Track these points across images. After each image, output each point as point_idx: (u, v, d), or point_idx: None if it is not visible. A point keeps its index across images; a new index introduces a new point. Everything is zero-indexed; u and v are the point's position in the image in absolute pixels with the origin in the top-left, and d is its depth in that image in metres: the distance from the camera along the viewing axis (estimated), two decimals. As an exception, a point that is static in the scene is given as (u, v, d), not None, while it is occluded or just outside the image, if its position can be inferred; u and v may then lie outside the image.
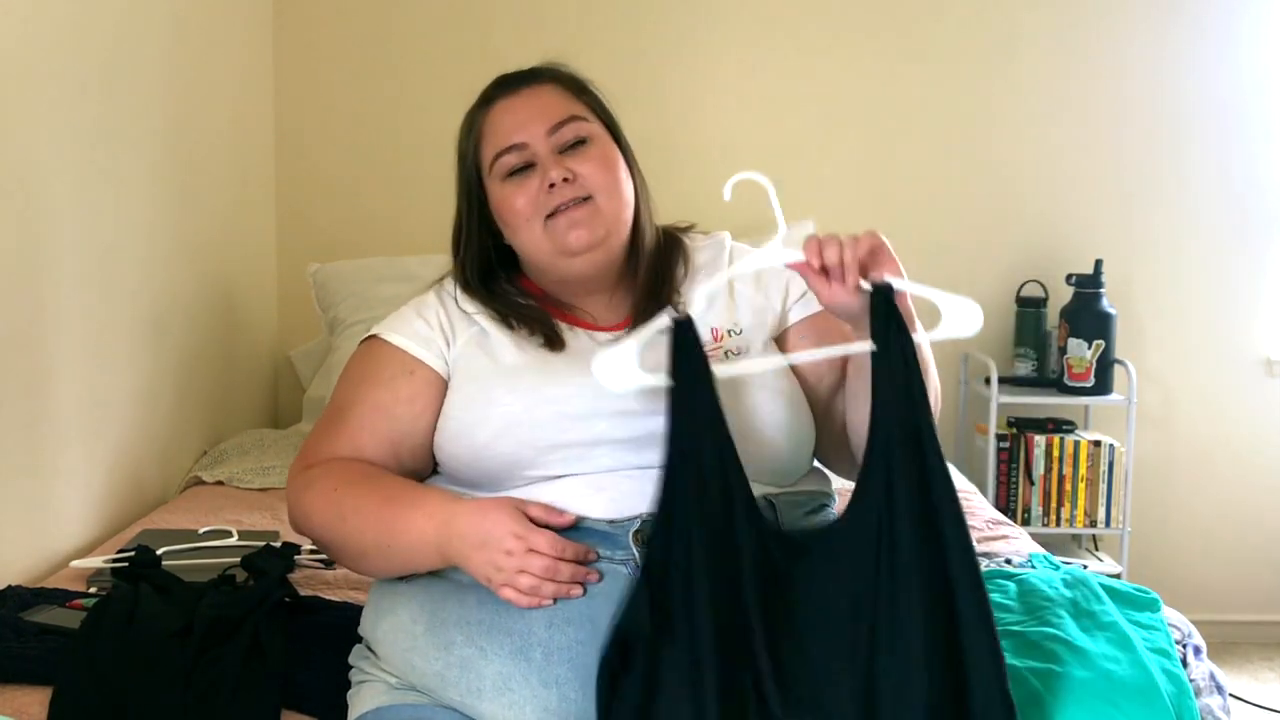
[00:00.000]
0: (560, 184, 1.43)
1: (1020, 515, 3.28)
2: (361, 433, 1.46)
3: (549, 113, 1.47)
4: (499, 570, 1.27)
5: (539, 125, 1.46)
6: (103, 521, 2.30)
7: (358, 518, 1.38)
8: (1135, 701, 1.42)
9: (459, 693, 1.32)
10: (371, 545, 1.38)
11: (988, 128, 3.45)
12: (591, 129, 1.49)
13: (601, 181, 1.46)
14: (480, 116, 1.51)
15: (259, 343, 3.27)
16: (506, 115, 1.49)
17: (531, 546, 1.27)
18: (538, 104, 1.49)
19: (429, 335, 1.49)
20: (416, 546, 1.34)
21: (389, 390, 1.47)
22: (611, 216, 1.46)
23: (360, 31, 3.37)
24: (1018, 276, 3.45)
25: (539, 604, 1.27)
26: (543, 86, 1.51)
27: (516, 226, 1.47)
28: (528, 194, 1.45)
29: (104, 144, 2.30)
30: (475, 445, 1.41)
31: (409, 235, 3.32)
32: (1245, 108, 3.47)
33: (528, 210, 1.45)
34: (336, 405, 1.50)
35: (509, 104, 1.50)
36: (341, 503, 1.40)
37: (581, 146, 1.47)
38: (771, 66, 3.42)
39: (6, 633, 1.61)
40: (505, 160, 1.47)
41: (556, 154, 1.45)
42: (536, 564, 1.26)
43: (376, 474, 1.43)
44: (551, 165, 1.44)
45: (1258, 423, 3.54)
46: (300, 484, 1.46)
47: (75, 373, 2.18)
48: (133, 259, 2.44)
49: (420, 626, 1.36)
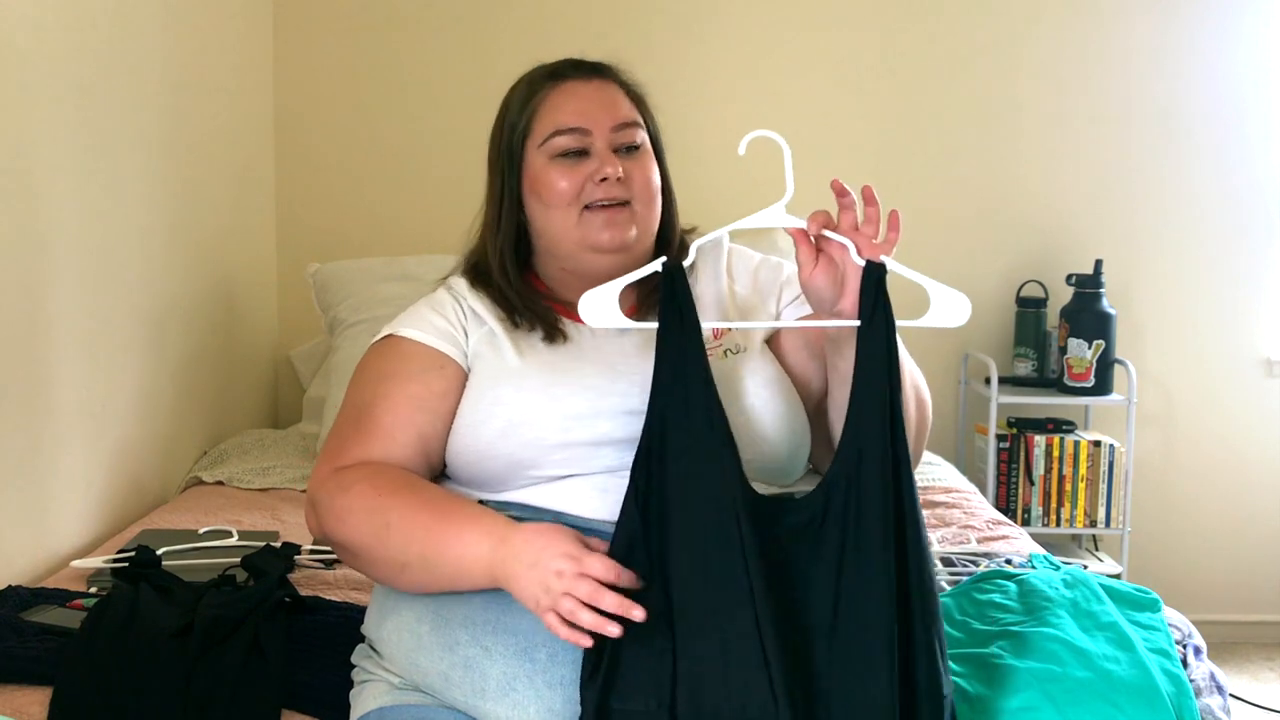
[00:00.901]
0: (613, 181, 1.45)
1: (1020, 515, 3.28)
2: (395, 430, 1.42)
3: (616, 111, 1.49)
4: (547, 591, 1.21)
5: (606, 118, 1.48)
6: (103, 521, 2.29)
7: (405, 527, 1.32)
8: (1135, 701, 1.42)
9: (463, 693, 1.32)
10: (416, 557, 1.32)
11: (988, 128, 3.44)
12: (645, 139, 1.51)
13: (643, 191, 1.48)
14: (544, 89, 1.50)
15: (259, 343, 3.27)
16: (574, 98, 1.49)
17: (584, 570, 1.20)
18: (607, 98, 1.50)
19: (451, 331, 1.49)
20: (466, 562, 1.28)
21: (422, 384, 1.45)
22: (643, 226, 1.48)
23: (360, 31, 3.37)
24: (1018, 276, 3.45)
25: (576, 639, 1.19)
26: (611, 84, 1.52)
27: (552, 205, 1.47)
28: (574, 179, 1.45)
29: (104, 144, 2.30)
30: (480, 444, 1.41)
31: (409, 235, 3.32)
32: (1245, 108, 3.47)
33: (569, 194, 1.45)
34: (359, 404, 1.47)
35: (578, 88, 1.50)
36: (388, 511, 1.34)
37: (634, 152, 1.49)
38: (771, 67, 3.42)
39: (6, 633, 1.61)
40: (561, 140, 1.47)
41: (611, 151, 1.47)
42: (583, 588, 1.19)
43: (420, 483, 1.39)
44: (610, 159, 1.46)
45: (1258, 423, 3.54)
46: (333, 487, 1.39)
47: (75, 373, 2.18)
48: (132, 259, 2.44)
49: (425, 626, 1.36)
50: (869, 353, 1.27)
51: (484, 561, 1.27)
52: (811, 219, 1.32)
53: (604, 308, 1.32)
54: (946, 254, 3.42)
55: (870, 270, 1.29)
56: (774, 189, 1.36)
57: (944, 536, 2.29)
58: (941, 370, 3.48)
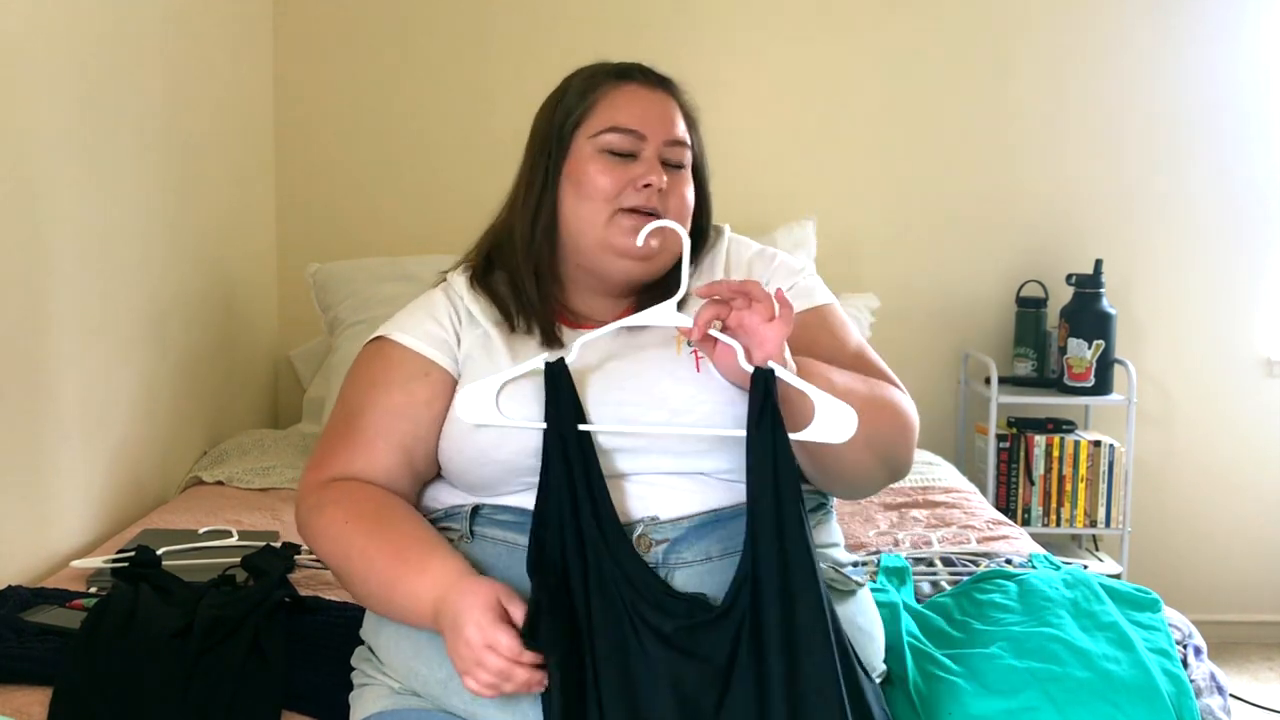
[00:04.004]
0: (655, 190, 1.44)
1: (1020, 515, 3.28)
2: (377, 439, 1.44)
3: (672, 125, 1.50)
4: (460, 659, 1.25)
5: (662, 130, 1.48)
6: (103, 521, 2.30)
7: (364, 561, 1.36)
8: (1135, 701, 1.42)
9: (463, 699, 1.32)
10: (374, 591, 1.37)
11: (988, 128, 3.44)
12: (690, 161, 1.52)
13: (678, 209, 1.48)
14: (609, 84, 1.50)
15: (259, 343, 3.27)
16: (637, 101, 1.49)
17: (489, 644, 1.23)
18: (668, 110, 1.51)
19: (442, 336, 1.48)
20: (411, 610, 1.32)
21: (405, 393, 1.45)
22: (669, 244, 1.47)
23: (360, 32, 3.37)
24: (1018, 276, 3.45)
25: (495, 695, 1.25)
26: (672, 99, 1.53)
27: (589, 198, 1.46)
28: (617, 178, 1.45)
29: (104, 144, 2.30)
30: (474, 449, 1.41)
31: (409, 235, 3.32)
32: (1245, 108, 3.47)
33: (609, 192, 1.45)
34: (347, 411, 1.48)
35: (643, 93, 1.50)
36: (351, 542, 1.38)
37: (679, 171, 1.50)
38: (771, 68, 3.42)
39: (6, 633, 1.61)
40: (614, 137, 1.46)
41: (660, 162, 1.47)
42: (491, 664, 1.23)
43: (390, 513, 1.40)
44: (658, 168, 1.46)
45: (1258, 423, 3.54)
46: (312, 503, 1.43)
47: (75, 373, 2.18)
48: (133, 259, 2.44)
49: (423, 633, 1.36)
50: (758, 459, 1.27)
51: (427, 614, 1.31)
52: (697, 322, 1.30)
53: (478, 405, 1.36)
54: (946, 254, 3.42)
55: (758, 376, 1.28)
56: (772, 190, 1.36)
57: (944, 536, 2.30)
58: (941, 370, 3.48)
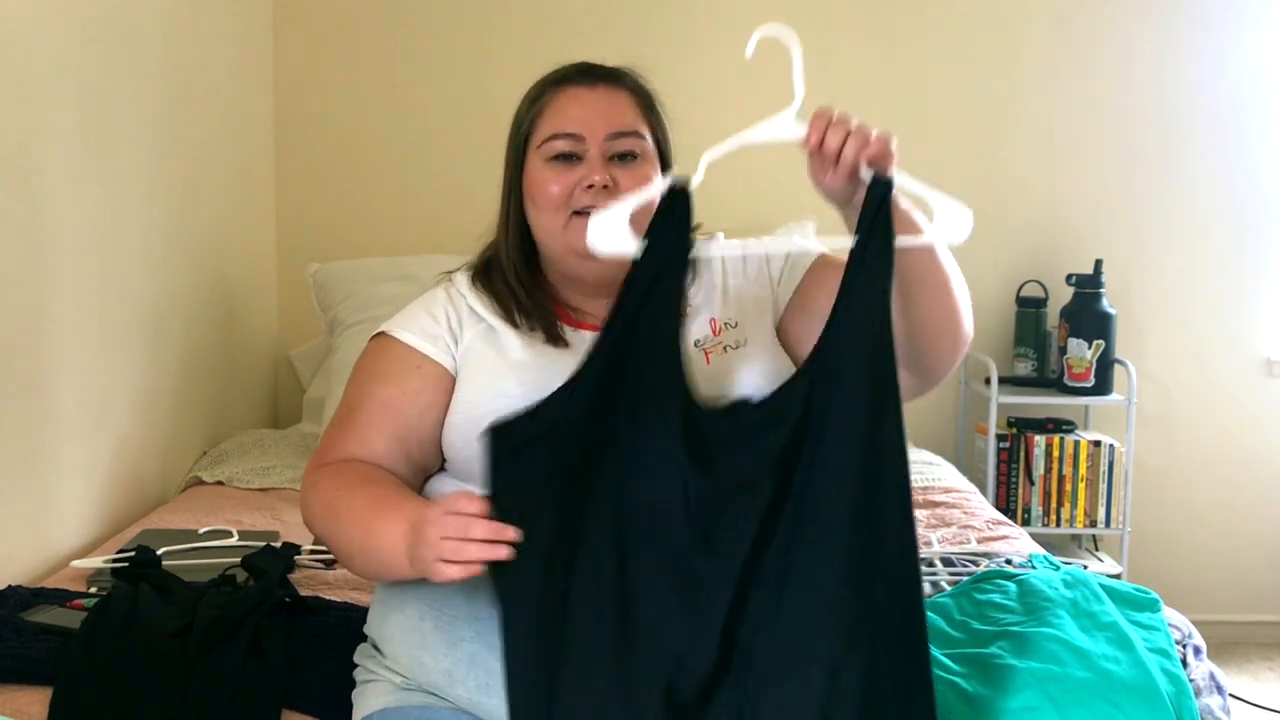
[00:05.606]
0: (599, 188, 1.45)
1: (1020, 515, 3.28)
2: (371, 430, 1.46)
3: (615, 118, 1.49)
4: (429, 545, 1.22)
5: (602, 126, 1.48)
6: (103, 521, 2.30)
7: (348, 516, 1.38)
8: (1135, 701, 1.42)
9: (467, 689, 1.33)
10: (358, 547, 1.37)
11: (988, 128, 3.44)
12: (645, 148, 1.51)
13: None
14: (550, 93, 1.52)
15: (259, 343, 3.27)
16: (575, 103, 1.50)
17: (449, 509, 1.22)
18: (608, 105, 1.50)
19: (437, 331, 1.50)
20: (388, 550, 1.31)
21: (397, 386, 1.48)
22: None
23: (360, 31, 3.37)
24: (1018, 276, 3.45)
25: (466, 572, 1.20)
26: (618, 90, 1.52)
27: (542, 209, 1.48)
28: (564, 183, 1.46)
29: (104, 144, 2.30)
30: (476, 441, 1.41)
31: (409, 235, 3.32)
32: (1245, 108, 3.46)
33: (558, 199, 1.46)
34: (347, 404, 1.51)
35: (581, 94, 1.50)
36: (337, 504, 1.40)
37: (630, 160, 1.49)
38: (769, 68, 3.41)
39: (6, 633, 1.61)
40: (557, 144, 1.48)
41: (605, 159, 1.47)
42: (450, 525, 1.21)
43: (376, 477, 1.42)
44: (598, 167, 1.46)
45: (1258, 423, 3.54)
46: (308, 484, 1.47)
47: (75, 373, 2.18)
48: (133, 259, 2.44)
49: (429, 623, 1.37)
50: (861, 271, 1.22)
51: (401, 548, 1.29)
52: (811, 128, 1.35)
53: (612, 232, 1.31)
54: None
55: (875, 187, 1.25)
56: (772, 190, 1.36)
57: (944, 536, 2.30)
58: (941, 370, 3.47)
